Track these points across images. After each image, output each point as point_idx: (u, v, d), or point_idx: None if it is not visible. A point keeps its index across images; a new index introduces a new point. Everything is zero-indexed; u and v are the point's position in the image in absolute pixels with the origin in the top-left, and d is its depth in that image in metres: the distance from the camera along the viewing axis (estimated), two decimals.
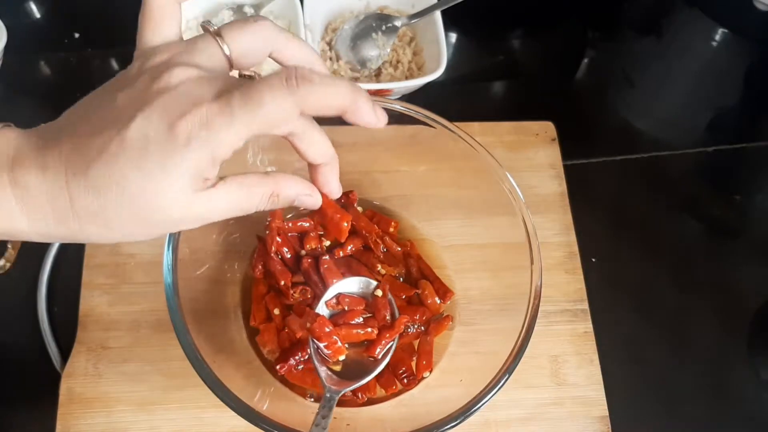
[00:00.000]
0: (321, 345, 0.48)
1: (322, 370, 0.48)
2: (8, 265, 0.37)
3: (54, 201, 0.30)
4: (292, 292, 0.53)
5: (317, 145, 0.36)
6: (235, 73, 0.35)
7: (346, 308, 0.51)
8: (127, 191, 0.30)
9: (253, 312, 0.54)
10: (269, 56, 0.35)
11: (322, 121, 0.34)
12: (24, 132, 0.33)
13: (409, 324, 0.53)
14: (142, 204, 0.30)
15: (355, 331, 0.50)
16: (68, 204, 0.30)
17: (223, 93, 0.30)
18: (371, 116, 0.34)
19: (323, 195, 0.39)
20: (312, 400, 0.51)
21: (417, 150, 0.57)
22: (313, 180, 0.38)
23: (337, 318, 0.50)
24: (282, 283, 0.54)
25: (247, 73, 0.34)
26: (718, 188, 0.71)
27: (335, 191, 0.38)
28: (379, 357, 0.49)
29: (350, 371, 0.48)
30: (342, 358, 0.49)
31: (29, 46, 0.69)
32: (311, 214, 0.58)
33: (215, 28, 0.33)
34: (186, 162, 0.30)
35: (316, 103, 0.31)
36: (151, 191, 0.30)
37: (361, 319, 0.50)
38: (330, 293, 0.50)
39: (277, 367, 0.51)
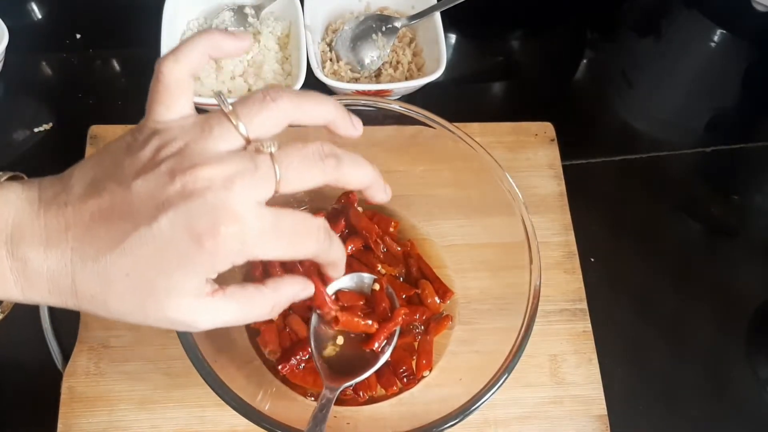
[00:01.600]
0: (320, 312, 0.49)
1: (323, 367, 0.48)
2: (1, 315, 0.37)
3: (55, 280, 0.30)
4: None
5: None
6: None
7: (345, 305, 0.51)
8: (135, 285, 0.30)
9: None
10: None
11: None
12: (25, 189, 0.31)
13: (407, 316, 0.53)
14: (149, 301, 0.30)
15: (356, 319, 0.49)
16: (70, 285, 0.30)
17: (269, 213, 0.31)
18: (383, 195, 0.38)
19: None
20: (312, 399, 0.51)
21: (417, 150, 0.57)
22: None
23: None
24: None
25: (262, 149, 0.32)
26: (717, 188, 0.71)
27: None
28: (378, 350, 0.49)
29: (350, 367, 0.48)
30: (340, 341, 0.49)
31: (30, 46, 0.69)
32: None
33: (230, 107, 0.32)
34: (206, 267, 0.30)
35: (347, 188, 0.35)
36: (161, 291, 0.30)
37: (362, 314, 0.50)
38: (328, 290, 0.50)
39: (279, 366, 0.51)
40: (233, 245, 0.29)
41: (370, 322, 0.50)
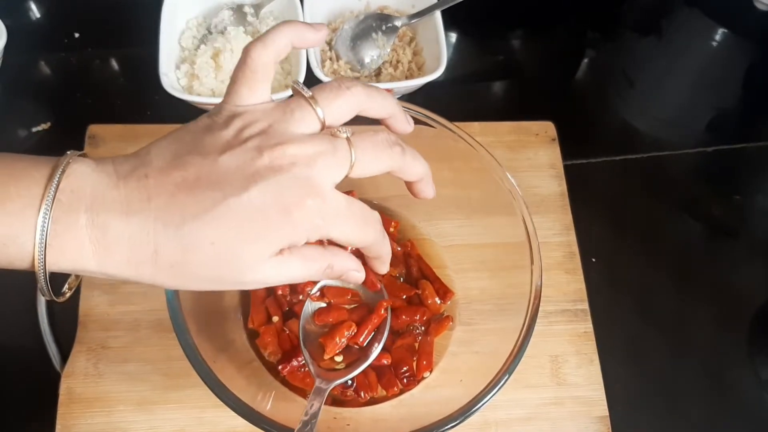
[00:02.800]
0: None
1: (312, 362, 0.48)
2: (69, 292, 0.36)
3: (135, 248, 0.30)
4: (288, 299, 0.54)
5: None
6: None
7: (331, 301, 0.51)
8: (219, 252, 0.30)
9: (252, 315, 0.54)
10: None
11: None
12: (99, 164, 0.32)
13: (408, 316, 0.53)
14: (230, 268, 0.31)
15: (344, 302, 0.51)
16: (151, 253, 0.30)
17: (339, 193, 0.33)
18: (431, 190, 0.40)
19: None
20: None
21: (417, 150, 0.57)
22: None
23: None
24: (279, 292, 0.54)
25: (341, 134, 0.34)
26: (718, 188, 0.71)
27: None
28: (365, 344, 0.49)
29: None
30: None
31: (29, 46, 0.69)
32: None
33: (309, 93, 0.34)
34: (287, 237, 0.31)
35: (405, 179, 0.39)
36: (243, 258, 0.31)
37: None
38: (315, 287, 0.50)
39: (279, 367, 0.51)
40: (315, 219, 0.31)
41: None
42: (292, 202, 0.31)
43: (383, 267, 0.40)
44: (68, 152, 0.32)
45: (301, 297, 0.54)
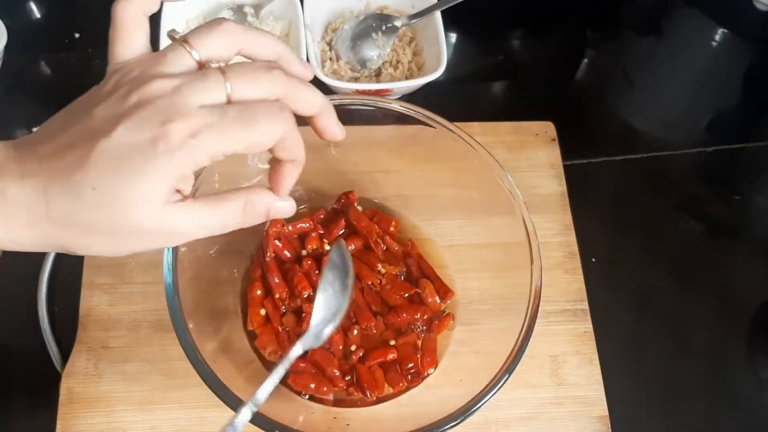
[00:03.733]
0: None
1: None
2: None
3: (31, 206, 0.31)
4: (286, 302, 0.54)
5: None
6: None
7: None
8: (103, 196, 0.31)
9: (251, 316, 0.54)
10: (240, 53, 0.36)
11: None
12: (1, 143, 0.33)
13: (408, 315, 0.53)
14: (117, 210, 0.31)
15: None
16: (45, 209, 0.31)
17: (213, 107, 0.32)
18: (335, 128, 0.38)
19: None
20: (306, 397, 0.51)
21: (417, 150, 0.57)
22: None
23: None
24: (277, 296, 0.54)
25: (213, 65, 0.34)
26: (718, 188, 0.71)
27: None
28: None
29: None
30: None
31: (29, 46, 0.69)
32: (312, 216, 0.58)
33: (181, 35, 0.34)
34: (166, 168, 0.31)
35: (296, 111, 0.35)
36: (126, 197, 0.31)
37: None
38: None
39: (289, 381, 0.51)
40: (186, 140, 0.31)
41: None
42: (156, 131, 0.31)
43: (296, 169, 0.38)
44: None
45: (298, 301, 0.54)
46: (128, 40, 0.35)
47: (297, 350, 0.43)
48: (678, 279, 0.64)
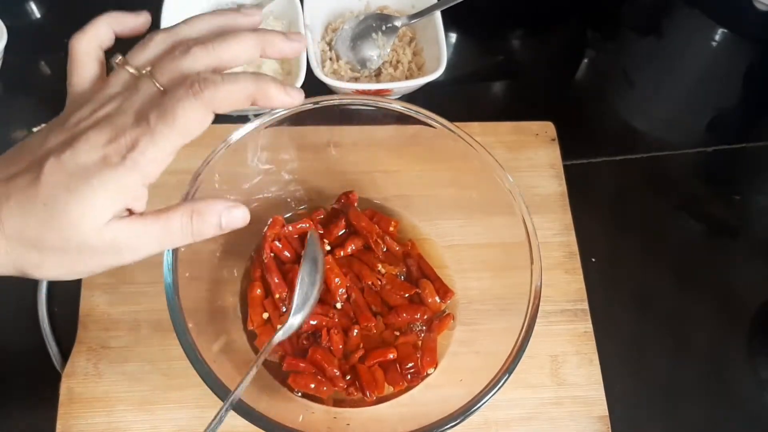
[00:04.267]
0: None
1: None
2: None
3: None
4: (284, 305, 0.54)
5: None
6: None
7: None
8: (53, 210, 0.32)
9: (251, 316, 0.54)
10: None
11: (320, 121, 0.34)
12: None
13: (409, 315, 0.53)
14: (65, 224, 0.32)
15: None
16: (1, 229, 0.32)
17: (141, 115, 0.33)
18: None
19: None
20: (300, 395, 0.51)
21: (417, 150, 0.57)
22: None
23: None
24: (277, 296, 0.54)
25: (143, 72, 0.35)
26: (718, 188, 0.71)
27: (287, 100, 0.37)
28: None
29: None
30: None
31: (29, 46, 0.69)
32: (312, 216, 0.58)
33: (121, 58, 0.36)
34: (113, 182, 0.32)
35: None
36: (75, 212, 0.32)
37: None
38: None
39: (285, 365, 0.51)
40: (127, 155, 0.32)
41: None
42: (104, 150, 0.32)
43: (280, 92, 0.36)
44: None
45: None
46: (81, 71, 0.37)
47: (272, 344, 0.47)
48: (678, 279, 0.64)
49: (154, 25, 0.64)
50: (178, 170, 0.38)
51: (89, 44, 0.38)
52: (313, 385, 0.50)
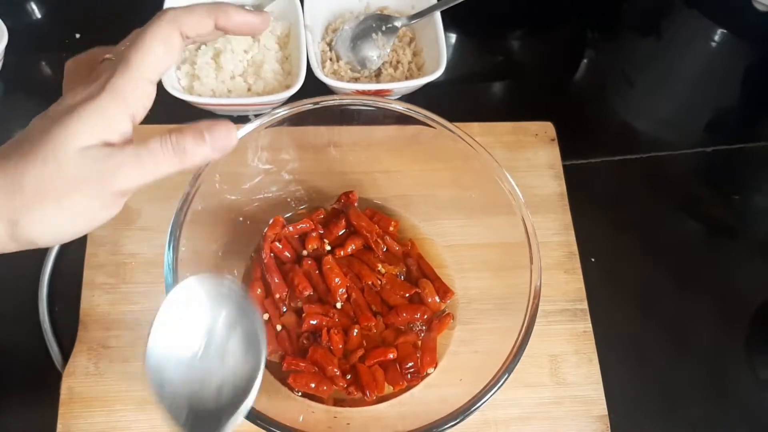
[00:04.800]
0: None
1: None
2: None
3: None
4: (284, 305, 0.55)
5: (195, 12, 0.35)
6: None
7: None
8: (35, 141, 0.32)
9: None
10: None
11: (320, 121, 0.33)
12: None
13: (408, 314, 0.53)
14: (48, 149, 0.32)
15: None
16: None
17: (117, 56, 0.34)
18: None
19: None
20: (300, 394, 0.51)
21: (417, 150, 0.57)
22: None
23: None
24: (277, 296, 0.54)
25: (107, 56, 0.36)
26: (718, 188, 0.71)
27: (248, 19, 0.37)
28: None
29: None
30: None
31: (30, 46, 0.69)
32: (312, 216, 0.59)
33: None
34: (96, 110, 0.32)
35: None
36: (56, 136, 0.32)
37: None
38: None
39: (285, 364, 0.51)
40: (104, 84, 0.33)
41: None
42: (82, 93, 0.34)
43: (240, 12, 0.36)
44: None
45: (298, 301, 0.55)
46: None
47: None
48: (677, 279, 0.64)
49: None
50: None
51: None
52: (313, 385, 0.50)
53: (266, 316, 0.54)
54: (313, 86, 0.63)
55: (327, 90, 0.65)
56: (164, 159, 0.32)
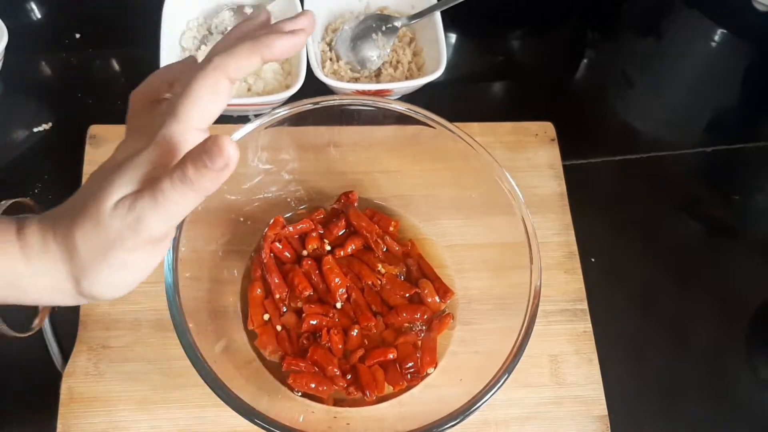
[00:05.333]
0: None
1: None
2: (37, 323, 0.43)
3: (43, 239, 0.34)
4: (284, 305, 0.55)
5: (238, 54, 0.35)
6: None
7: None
8: (81, 198, 0.33)
9: (251, 316, 0.54)
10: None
11: (320, 121, 0.33)
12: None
13: (409, 314, 0.53)
14: (91, 208, 0.32)
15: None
16: (51, 237, 0.34)
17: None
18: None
19: None
20: (300, 395, 0.51)
21: (417, 150, 0.57)
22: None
23: None
24: (277, 296, 0.54)
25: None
26: (718, 188, 0.71)
27: (293, 47, 0.36)
28: None
29: None
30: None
31: (30, 46, 0.69)
32: (312, 216, 0.59)
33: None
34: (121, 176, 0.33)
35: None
36: (97, 195, 0.32)
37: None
38: None
39: (284, 364, 0.51)
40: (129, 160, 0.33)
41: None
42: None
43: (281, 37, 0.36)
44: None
45: (298, 301, 0.55)
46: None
47: None
48: (677, 279, 0.64)
49: (155, 25, 0.64)
50: None
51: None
52: (313, 385, 0.51)
53: (266, 317, 0.54)
54: (313, 86, 0.63)
55: (327, 90, 0.65)
56: (180, 197, 0.31)
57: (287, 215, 0.59)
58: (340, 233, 0.58)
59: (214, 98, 0.33)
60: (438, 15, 0.68)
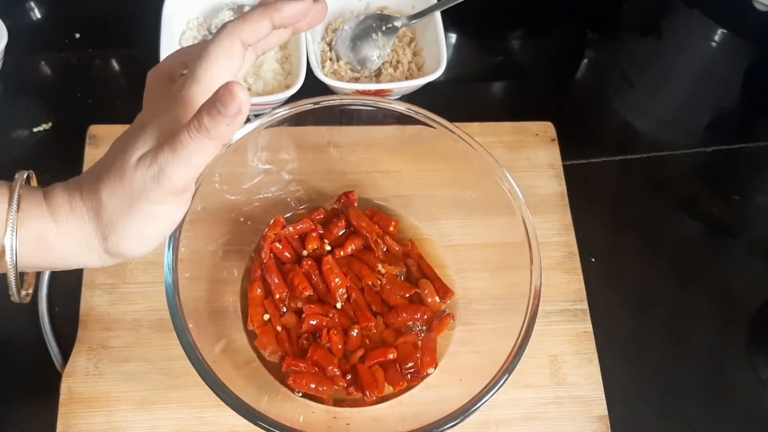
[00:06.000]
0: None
1: None
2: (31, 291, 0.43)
3: (70, 199, 0.36)
4: (284, 304, 0.55)
5: (252, 21, 0.36)
6: None
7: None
8: (111, 165, 0.35)
9: (251, 316, 0.54)
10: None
11: (320, 121, 0.34)
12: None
13: (408, 314, 0.53)
14: (116, 163, 0.35)
15: None
16: (78, 196, 0.36)
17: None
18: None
19: None
20: (300, 395, 0.51)
21: (417, 150, 0.57)
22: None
23: None
24: (277, 296, 0.54)
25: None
26: (718, 188, 0.71)
27: (300, 11, 0.37)
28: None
29: None
30: None
31: (30, 46, 0.69)
32: (312, 216, 0.59)
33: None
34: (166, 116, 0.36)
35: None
36: (124, 150, 0.35)
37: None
38: None
39: (284, 365, 0.51)
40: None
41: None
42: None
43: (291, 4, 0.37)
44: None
45: (298, 302, 0.55)
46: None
47: None
48: (677, 279, 0.64)
49: (155, 25, 0.64)
50: None
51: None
52: (313, 385, 0.50)
53: (266, 317, 0.54)
54: (313, 86, 0.63)
55: (327, 90, 0.65)
56: (198, 146, 0.33)
57: (287, 215, 0.59)
58: (340, 233, 0.58)
59: (229, 60, 0.36)
60: (438, 15, 0.68)
